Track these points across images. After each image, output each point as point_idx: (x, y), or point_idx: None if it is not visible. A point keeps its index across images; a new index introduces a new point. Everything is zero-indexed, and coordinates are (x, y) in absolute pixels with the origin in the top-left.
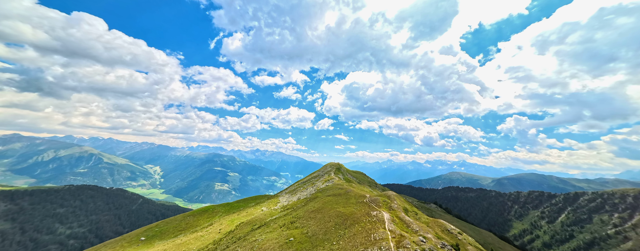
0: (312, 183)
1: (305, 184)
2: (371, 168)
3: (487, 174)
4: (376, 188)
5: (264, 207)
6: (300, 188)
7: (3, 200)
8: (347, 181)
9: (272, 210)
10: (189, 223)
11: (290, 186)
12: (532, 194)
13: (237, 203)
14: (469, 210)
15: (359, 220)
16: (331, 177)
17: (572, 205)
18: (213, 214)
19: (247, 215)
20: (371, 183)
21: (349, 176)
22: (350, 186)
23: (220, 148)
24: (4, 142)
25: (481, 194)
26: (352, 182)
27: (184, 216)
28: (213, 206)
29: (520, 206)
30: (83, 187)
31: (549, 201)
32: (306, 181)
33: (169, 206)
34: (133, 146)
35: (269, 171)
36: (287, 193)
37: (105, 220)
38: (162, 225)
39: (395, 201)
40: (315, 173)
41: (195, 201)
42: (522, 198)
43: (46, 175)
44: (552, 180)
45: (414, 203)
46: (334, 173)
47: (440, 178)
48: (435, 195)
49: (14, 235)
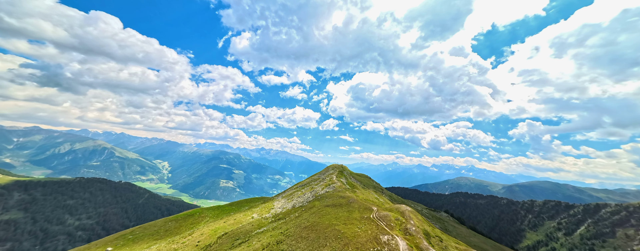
0: (311, 186)
1: (304, 188)
2: (376, 170)
3: (497, 180)
4: (383, 193)
5: (255, 214)
6: (298, 192)
7: (17, 190)
8: (351, 186)
9: (263, 218)
10: (169, 229)
11: (288, 189)
12: (548, 204)
13: (229, 206)
14: (479, 217)
15: (364, 248)
16: (333, 181)
17: (593, 217)
18: (199, 219)
19: (234, 222)
20: (376, 188)
21: (352, 180)
22: (354, 193)
23: (226, 145)
24: (25, 134)
25: (492, 201)
26: (356, 187)
27: (165, 221)
28: (201, 210)
29: (534, 216)
30: (93, 180)
31: (566, 212)
32: (305, 185)
33: (174, 201)
34: (143, 141)
35: (273, 170)
36: (284, 197)
37: (112, 213)
38: (139, 231)
39: (411, 220)
40: (317, 175)
41: (201, 197)
42: (537, 207)
43: (62, 167)
44: (567, 189)
45: (423, 211)
46: (336, 176)
47: (448, 183)
48: (443, 201)
49: (26, 224)
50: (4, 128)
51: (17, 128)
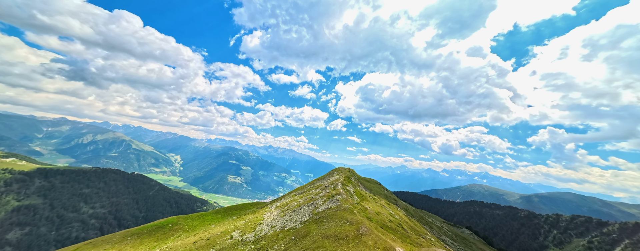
0: (311, 196)
1: (303, 195)
2: (383, 172)
3: (513, 189)
4: (397, 205)
5: (237, 230)
6: (295, 201)
7: (38, 177)
8: (359, 197)
9: (242, 241)
10: (122, 250)
11: (286, 195)
12: (576, 219)
13: (213, 214)
14: (496, 229)
15: None
16: (337, 191)
17: (631, 238)
18: (169, 233)
19: (206, 244)
20: (389, 197)
21: (361, 188)
22: (364, 212)
23: (235, 142)
24: (54, 124)
25: (510, 212)
26: (365, 198)
27: (123, 236)
28: (177, 219)
29: (560, 232)
30: (107, 170)
31: (598, 230)
32: (305, 191)
33: (183, 194)
34: (158, 135)
35: (280, 168)
36: (278, 207)
37: (124, 203)
38: (85, 250)
39: None
40: (320, 180)
41: (210, 191)
42: (563, 223)
43: (84, 156)
44: (594, 202)
45: (444, 228)
46: (342, 183)
47: (459, 189)
48: (455, 209)
49: (44, 210)
50: (36, 118)
51: (46, 118)
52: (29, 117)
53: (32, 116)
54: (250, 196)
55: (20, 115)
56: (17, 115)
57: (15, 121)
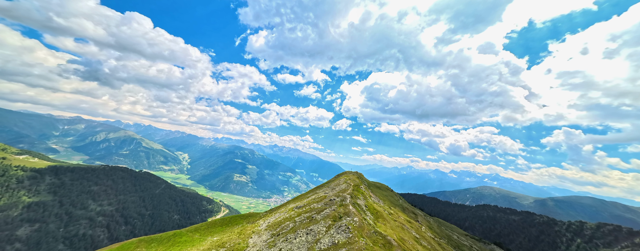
0: (311, 216)
1: (301, 211)
2: (389, 173)
3: (526, 192)
4: (417, 218)
5: None
6: (290, 221)
7: (49, 174)
8: (374, 215)
9: None
10: None
11: (281, 207)
12: (603, 228)
13: (189, 233)
14: (511, 236)
15: None
16: (347, 209)
17: None
18: None
19: None
20: (405, 209)
21: (373, 200)
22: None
23: (241, 141)
24: (70, 123)
25: (527, 218)
26: (381, 216)
27: None
28: (138, 242)
29: (585, 241)
30: (115, 168)
31: (629, 240)
32: (304, 205)
33: (189, 193)
34: (167, 134)
35: (285, 167)
36: (268, 228)
37: (131, 201)
38: None
39: None
40: (324, 188)
41: (216, 189)
42: (588, 231)
43: (98, 154)
44: (616, 207)
45: (474, 247)
46: (351, 195)
47: (469, 192)
48: (467, 213)
49: (53, 207)
50: (53, 117)
51: (63, 117)
52: (47, 116)
53: (50, 115)
54: (256, 195)
55: (39, 114)
56: (37, 114)
57: (34, 120)
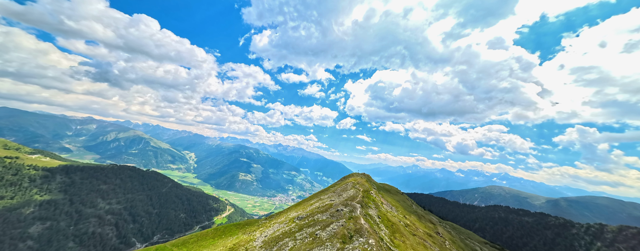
0: (315, 233)
1: (302, 223)
2: (394, 172)
3: (537, 192)
4: (441, 235)
5: None
6: (290, 238)
7: (60, 173)
8: (390, 230)
9: None
10: None
11: (281, 213)
12: (626, 231)
13: (171, 249)
14: (525, 239)
15: None
16: (359, 224)
17: None
18: None
19: None
20: (421, 216)
21: (385, 208)
22: None
23: (246, 140)
24: (82, 123)
25: (542, 220)
26: (398, 230)
27: None
28: None
29: (605, 245)
30: (123, 167)
31: None
32: (307, 216)
33: (195, 192)
34: (175, 133)
35: (289, 166)
36: (264, 245)
37: (138, 200)
38: None
39: None
40: (330, 193)
41: (222, 188)
42: (609, 234)
43: (108, 153)
44: (635, 209)
45: None
46: (361, 204)
47: (477, 191)
48: (477, 214)
49: (64, 205)
50: (67, 117)
51: (76, 117)
52: (61, 117)
53: (64, 116)
54: (261, 193)
55: (53, 114)
56: (51, 114)
57: (48, 120)
